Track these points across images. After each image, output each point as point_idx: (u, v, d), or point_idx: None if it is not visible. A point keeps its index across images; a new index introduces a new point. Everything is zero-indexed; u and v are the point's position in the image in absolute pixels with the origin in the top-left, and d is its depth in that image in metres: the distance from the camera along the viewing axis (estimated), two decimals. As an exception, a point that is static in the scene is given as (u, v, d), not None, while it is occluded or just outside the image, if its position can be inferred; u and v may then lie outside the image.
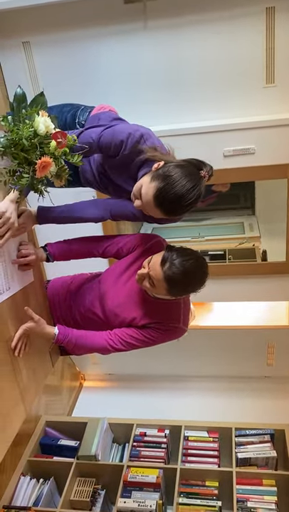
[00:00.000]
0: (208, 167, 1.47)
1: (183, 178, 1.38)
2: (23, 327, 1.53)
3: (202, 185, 1.43)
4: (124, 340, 1.62)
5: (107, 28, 2.55)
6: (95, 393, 3.96)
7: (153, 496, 2.63)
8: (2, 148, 1.20)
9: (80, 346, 1.65)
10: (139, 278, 1.52)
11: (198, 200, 1.42)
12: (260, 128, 2.60)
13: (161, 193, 1.39)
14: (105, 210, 1.68)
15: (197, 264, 1.46)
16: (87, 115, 1.80)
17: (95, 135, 1.53)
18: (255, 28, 2.45)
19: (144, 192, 1.43)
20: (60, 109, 1.84)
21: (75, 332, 1.65)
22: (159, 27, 2.52)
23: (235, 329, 3.61)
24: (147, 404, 3.55)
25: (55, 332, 1.61)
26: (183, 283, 1.45)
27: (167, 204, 1.41)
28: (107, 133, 1.52)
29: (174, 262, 1.42)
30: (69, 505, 2.70)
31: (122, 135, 1.50)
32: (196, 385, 3.76)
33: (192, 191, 1.39)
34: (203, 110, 2.66)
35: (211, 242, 3.81)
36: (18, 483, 2.77)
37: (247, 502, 2.56)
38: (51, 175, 1.29)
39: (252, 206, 4.12)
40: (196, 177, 1.41)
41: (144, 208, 1.48)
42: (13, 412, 1.48)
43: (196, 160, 1.49)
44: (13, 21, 2.58)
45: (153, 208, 1.44)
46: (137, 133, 1.51)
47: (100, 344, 1.64)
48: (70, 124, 1.80)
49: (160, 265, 1.44)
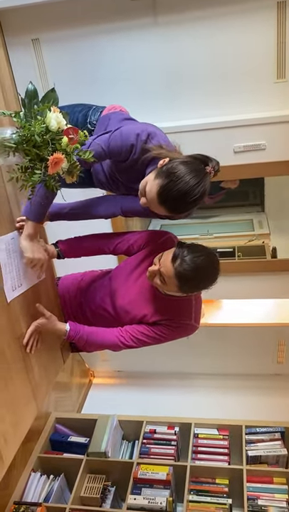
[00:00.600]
0: (214, 162, 1.46)
1: (187, 175, 1.37)
2: (35, 324, 1.54)
3: (207, 182, 1.41)
4: (135, 337, 1.62)
5: (116, 24, 2.54)
6: (105, 390, 3.96)
7: (163, 493, 2.63)
8: (14, 145, 1.20)
9: (91, 343, 1.65)
10: (150, 275, 1.51)
11: (203, 196, 1.41)
12: (271, 124, 2.58)
13: (164, 190, 1.38)
14: (116, 207, 1.68)
15: (208, 260, 1.45)
16: (98, 115, 1.80)
17: (103, 143, 1.53)
18: (266, 23, 2.42)
19: (148, 189, 1.42)
20: (71, 109, 1.85)
21: (87, 328, 1.64)
22: (169, 22, 2.50)
23: (245, 327, 3.60)
24: (157, 401, 3.55)
25: (67, 328, 1.61)
26: (194, 280, 1.44)
27: (171, 201, 1.40)
28: (115, 138, 1.52)
29: (185, 259, 1.42)
30: (79, 501, 2.71)
31: (131, 138, 1.50)
32: (206, 382, 3.75)
33: (196, 188, 1.37)
34: (213, 106, 2.64)
35: (220, 239, 3.79)
36: (29, 479, 2.79)
37: (257, 500, 2.55)
38: (63, 171, 1.28)
39: (261, 203, 4.10)
40: (201, 173, 1.40)
41: (149, 205, 1.47)
42: (25, 409, 1.49)
43: (202, 155, 1.47)
44: (22, 18, 2.58)
45: (157, 205, 1.43)
46: (143, 133, 1.51)
47: (111, 341, 1.64)
48: (81, 123, 1.80)
49: (171, 262, 1.43)
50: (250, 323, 3.61)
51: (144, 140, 1.50)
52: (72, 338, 1.63)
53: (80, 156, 1.31)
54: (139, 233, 1.73)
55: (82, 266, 2.00)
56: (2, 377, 1.35)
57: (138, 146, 1.50)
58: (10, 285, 1.43)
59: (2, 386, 1.35)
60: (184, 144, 1.60)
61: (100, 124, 1.77)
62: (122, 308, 1.66)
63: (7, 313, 1.42)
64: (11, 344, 1.42)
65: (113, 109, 1.82)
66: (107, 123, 1.72)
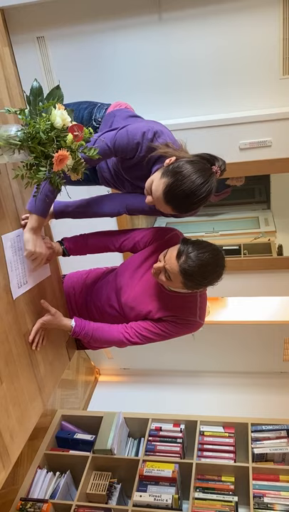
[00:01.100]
0: (220, 162, 1.45)
1: (193, 174, 1.36)
2: (40, 321, 1.55)
3: (213, 181, 1.41)
4: (139, 334, 1.62)
5: (120, 22, 2.54)
6: (110, 388, 3.97)
7: (169, 490, 2.64)
8: (19, 142, 1.20)
9: (96, 339, 1.65)
10: (155, 272, 1.51)
11: (209, 196, 1.40)
12: (276, 120, 2.57)
13: (170, 189, 1.37)
14: (121, 205, 1.68)
15: (213, 256, 1.44)
16: (103, 112, 1.80)
17: (109, 141, 1.52)
18: (272, 19, 2.41)
19: (155, 188, 1.42)
20: (77, 106, 1.85)
21: (92, 324, 1.65)
22: (174, 19, 2.49)
23: (251, 324, 3.59)
24: (162, 398, 3.56)
25: (72, 324, 1.62)
26: (199, 276, 1.43)
27: (177, 200, 1.40)
28: (121, 136, 1.51)
29: (190, 255, 1.41)
30: (85, 498, 2.73)
31: (137, 136, 1.49)
32: (212, 380, 3.75)
33: (202, 187, 1.37)
34: (218, 103, 2.63)
35: (226, 237, 3.77)
36: (35, 476, 2.80)
37: (263, 497, 2.55)
38: (68, 168, 1.28)
39: (267, 200, 4.07)
40: (207, 173, 1.39)
41: (154, 203, 1.47)
42: (31, 405, 1.49)
43: (209, 155, 1.46)
44: (27, 16, 2.58)
45: (163, 204, 1.42)
46: (150, 131, 1.50)
47: (116, 337, 1.64)
48: (86, 121, 1.80)
49: (176, 258, 1.43)
50: (256, 321, 3.60)
51: (151, 138, 1.50)
52: (78, 334, 1.63)
53: (85, 154, 1.30)
54: (145, 230, 1.72)
55: (88, 263, 2.00)
56: (8, 374, 1.36)
57: (144, 144, 1.50)
58: (16, 282, 1.44)
59: (8, 383, 1.36)
60: (189, 141, 1.59)
61: (105, 121, 1.77)
62: (127, 304, 1.66)
63: (13, 311, 1.42)
64: (17, 341, 1.42)
65: (118, 106, 1.81)
66: (112, 120, 1.72)
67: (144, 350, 3.48)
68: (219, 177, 1.45)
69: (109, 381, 4.07)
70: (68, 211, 1.67)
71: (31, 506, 2.59)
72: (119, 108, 1.79)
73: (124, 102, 1.85)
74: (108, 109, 1.81)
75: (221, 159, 1.47)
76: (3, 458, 1.31)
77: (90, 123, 1.79)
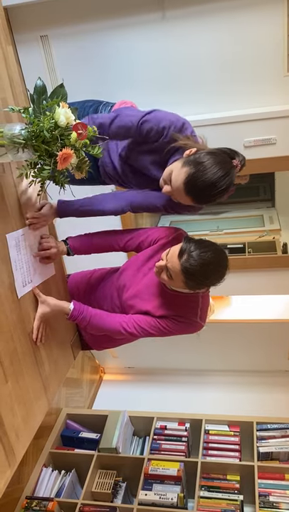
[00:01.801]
0: (240, 157, 1.45)
1: (214, 166, 1.36)
2: (37, 316, 1.52)
3: (233, 175, 1.40)
4: (138, 325, 1.59)
5: (124, 20, 2.53)
6: (115, 386, 3.98)
7: (174, 488, 2.64)
8: (23, 141, 1.20)
9: (94, 325, 1.62)
10: (158, 270, 1.50)
11: (228, 189, 1.40)
12: (281, 118, 2.55)
13: (192, 178, 1.37)
14: (125, 202, 1.67)
15: (216, 256, 1.43)
16: (108, 110, 1.80)
17: (135, 119, 1.52)
18: (275, 16, 2.39)
19: (175, 178, 1.41)
20: (82, 104, 1.85)
21: (91, 310, 1.63)
22: (177, 17, 2.48)
23: (256, 323, 3.58)
24: (167, 397, 3.56)
25: (71, 307, 1.59)
26: (200, 276, 1.42)
27: (197, 190, 1.39)
28: (150, 118, 1.51)
29: (192, 254, 1.40)
30: (91, 496, 2.73)
31: (165, 122, 1.49)
32: (217, 378, 3.74)
33: (223, 179, 1.37)
34: (222, 100, 2.62)
35: (230, 235, 3.76)
36: (41, 474, 2.81)
37: (269, 496, 2.54)
38: (72, 167, 1.28)
39: (272, 198, 4.06)
40: (228, 165, 1.39)
41: (172, 193, 1.46)
42: (36, 404, 1.50)
43: (229, 149, 1.46)
44: (30, 15, 2.58)
45: (183, 195, 1.42)
46: (178, 122, 1.50)
47: (113, 325, 1.61)
48: None
49: (177, 257, 1.42)
50: (260, 320, 3.59)
51: (179, 128, 1.50)
52: (75, 318, 1.60)
53: (89, 152, 1.30)
54: (150, 230, 1.72)
55: (93, 263, 2.00)
56: (13, 373, 1.36)
57: (170, 130, 1.49)
58: (20, 281, 1.44)
59: (13, 381, 1.36)
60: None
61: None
62: (128, 302, 1.65)
63: (18, 309, 1.42)
64: (21, 339, 1.42)
65: (124, 104, 1.80)
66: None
67: (149, 348, 3.49)
68: (239, 172, 1.44)
69: (114, 380, 4.07)
70: (72, 210, 1.67)
71: (37, 505, 2.60)
72: (125, 106, 1.79)
73: (129, 101, 1.85)
74: (113, 107, 1.81)
75: (241, 154, 1.47)
76: (9, 456, 1.31)
77: None
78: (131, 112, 1.57)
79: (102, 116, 1.57)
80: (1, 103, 1.37)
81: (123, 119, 1.53)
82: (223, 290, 1.51)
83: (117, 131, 1.55)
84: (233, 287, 3.14)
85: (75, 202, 1.68)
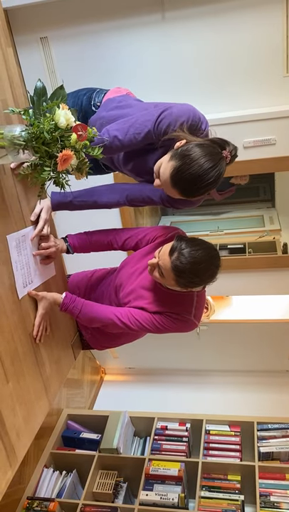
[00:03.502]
0: (231, 147, 1.42)
1: (201, 158, 1.34)
2: (38, 313, 1.52)
3: (222, 166, 1.38)
4: (132, 316, 1.58)
5: (123, 21, 2.54)
6: (116, 387, 3.98)
7: (175, 489, 2.64)
8: (23, 142, 1.20)
9: (85, 313, 1.60)
10: (150, 268, 1.50)
11: (217, 181, 1.37)
12: (280, 118, 2.56)
13: (177, 172, 1.35)
14: (121, 195, 1.65)
15: (207, 255, 1.42)
16: (102, 96, 1.77)
17: (150, 123, 1.48)
18: (274, 17, 2.40)
19: (162, 171, 1.40)
20: (76, 93, 1.83)
21: (83, 299, 1.62)
22: (177, 18, 2.49)
23: (256, 323, 3.58)
24: (168, 398, 3.56)
25: (62, 296, 1.58)
26: (190, 273, 1.41)
27: (183, 184, 1.37)
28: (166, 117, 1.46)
29: (183, 252, 1.40)
30: (92, 497, 2.73)
31: (183, 117, 1.45)
32: (217, 379, 3.74)
33: (210, 172, 1.34)
34: (222, 101, 2.63)
35: (231, 235, 3.77)
36: (42, 475, 2.81)
37: (270, 496, 2.55)
38: (72, 168, 1.28)
39: (272, 199, 4.07)
40: (217, 157, 1.36)
41: (162, 187, 1.45)
42: (38, 405, 1.50)
43: (220, 139, 1.44)
44: (30, 17, 2.59)
45: (170, 187, 1.40)
46: (195, 117, 1.47)
47: (107, 315, 1.59)
48: (85, 106, 1.77)
49: (168, 255, 1.42)
50: (261, 320, 3.59)
51: (196, 123, 1.46)
52: (67, 307, 1.58)
53: (89, 153, 1.31)
54: (148, 229, 1.72)
55: (93, 263, 2.00)
56: (14, 373, 1.37)
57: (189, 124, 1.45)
58: (21, 282, 1.44)
59: (14, 382, 1.36)
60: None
61: (104, 105, 1.72)
62: (124, 299, 1.65)
63: (18, 310, 1.43)
64: (22, 340, 1.43)
65: (119, 92, 1.77)
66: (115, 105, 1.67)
67: (150, 349, 3.50)
68: (229, 163, 1.42)
69: (115, 380, 4.07)
70: (66, 202, 1.64)
71: (38, 505, 2.60)
72: (120, 94, 1.76)
73: (124, 88, 1.82)
74: (107, 94, 1.77)
75: (232, 144, 1.44)
76: (10, 457, 1.32)
77: (90, 108, 1.76)
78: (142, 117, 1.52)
79: (118, 128, 1.53)
80: (1, 105, 1.37)
81: (139, 125, 1.48)
82: (223, 290, 1.51)
83: (135, 137, 1.51)
84: (233, 287, 3.15)
85: (69, 194, 1.62)
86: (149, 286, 1.61)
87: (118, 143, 1.52)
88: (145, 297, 1.61)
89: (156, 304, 1.59)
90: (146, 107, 1.59)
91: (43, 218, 1.56)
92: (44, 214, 1.57)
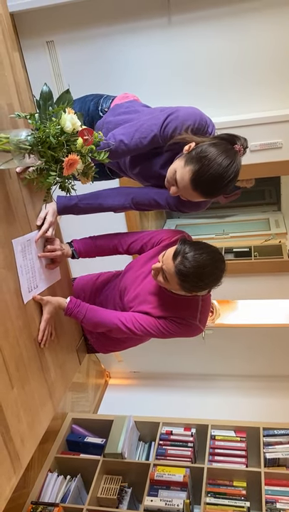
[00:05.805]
0: (241, 140, 1.42)
1: (218, 157, 1.34)
2: (43, 318, 1.51)
3: (239, 161, 1.38)
4: (137, 322, 1.57)
5: (129, 25, 2.54)
6: (121, 391, 3.97)
7: (180, 495, 2.62)
8: (29, 147, 1.20)
9: (89, 318, 1.59)
10: (154, 272, 1.49)
11: (237, 176, 1.38)
12: (287, 122, 2.55)
13: (198, 175, 1.35)
14: (127, 198, 1.64)
15: (211, 258, 1.41)
16: (110, 102, 1.77)
17: (156, 127, 1.48)
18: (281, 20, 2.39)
19: (180, 177, 1.39)
20: (83, 99, 1.83)
21: (88, 304, 1.61)
22: (183, 22, 2.49)
23: (262, 327, 3.56)
24: (173, 402, 3.54)
25: (67, 300, 1.58)
26: (195, 277, 1.39)
27: (205, 186, 1.37)
28: (172, 121, 1.46)
29: (187, 256, 1.38)
30: (96, 502, 2.72)
31: (189, 121, 1.45)
32: (223, 383, 3.72)
33: (230, 168, 1.35)
34: (228, 104, 2.62)
35: (236, 239, 3.75)
36: (46, 479, 2.80)
37: (276, 503, 2.52)
38: (78, 173, 1.28)
39: (278, 202, 4.05)
40: (231, 153, 1.37)
41: (180, 193, 1.44)
42: (42, 410, 1.49)
43: (228, 134, 1.43)
44: (37, 21, 2.60)
45: (191, 193, 1.40)
46: (202, 121, 1.47)
47: (111, 320, 1.58)
48: (92, 112, 1.77)
49: (172, 259, 1.40)
50: (266, 324, 3.57)
51: (203, 126, 1.46)
52: (71, 311, 1.58)
53: (95, 157, 1.30)
54: (153, 232, 1.71)
55: (98, 266, 2.00)
56: (19, 379, 1.36)
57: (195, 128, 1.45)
58: (26, 286, 1.44)
59: (19, 387, 1.36)
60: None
61: (111, 111, 1.72)
62: (129, 304, 1.64)
63: (24, 315, 1.42)
64: (27, 345, 1.42)
65: (126, 98, 1.77)
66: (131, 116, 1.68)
67: (155, 353, 3.48)
68: (243, 155, 1.42)
69: (120, 384, 4.06)
70: (71, 205, 1.63)
71: (42, 510, 2.59)
72: (127, 100, 1.76)
73: (131, 94, 1.82)
74: (115, 100, 1.77)
75: (241, 137, 1.43)
76: (14, 463, 1.31)
77: (97, 114, 1.76)
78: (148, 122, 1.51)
79: (123, 133, 1.53)
80: (8, 109, 1.37)
81: (144, 129, 1.48)
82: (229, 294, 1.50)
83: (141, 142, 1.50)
84: (239, 291, 3.13)
85: (74, 197, 1.62)
86: (154, 290, 1.60)
87: (124, 147, 1.51)
88: (150, 302, 1.60)
89: (161, 308, 1.58)
90: (152, 112, 1.59)
91: (48, 221, 1.55)
92: (50, 217, 1.56)
